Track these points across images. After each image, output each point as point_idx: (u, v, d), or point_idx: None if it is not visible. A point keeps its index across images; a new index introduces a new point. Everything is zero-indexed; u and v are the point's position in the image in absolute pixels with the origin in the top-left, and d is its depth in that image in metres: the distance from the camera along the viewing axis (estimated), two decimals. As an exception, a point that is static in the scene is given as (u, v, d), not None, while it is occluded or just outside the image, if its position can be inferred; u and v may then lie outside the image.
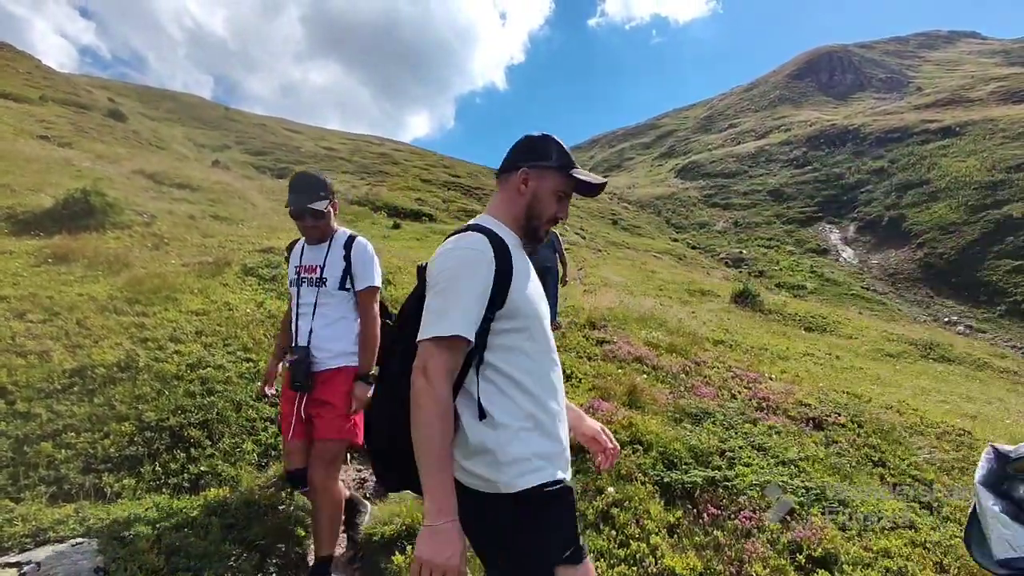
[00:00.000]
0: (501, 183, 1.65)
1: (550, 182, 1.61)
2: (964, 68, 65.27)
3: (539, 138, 1.63)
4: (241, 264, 6.96)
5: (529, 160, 1.60)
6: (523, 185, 1.60)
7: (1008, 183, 30.28)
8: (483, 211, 1.69)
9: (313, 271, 2.82)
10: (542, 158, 1.60)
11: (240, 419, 3.94)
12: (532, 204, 1.61)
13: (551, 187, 1.61)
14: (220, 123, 30.71)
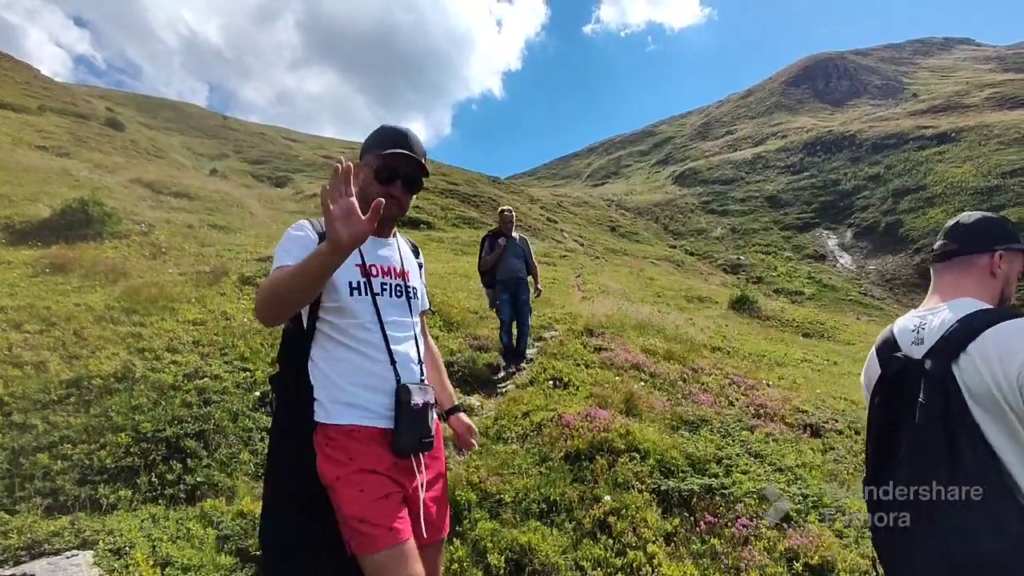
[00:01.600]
0: (958, 265, 1.57)
1: (1020, 265, 1.59)
2: (959, 74, 65.72)
3: (1000, 220, 1.60)
4: (239, 273, 6.96)
5: (1002, 243, 1.55)
6: (997, 268, 1.54)
7: (1004, 188, 30.44)
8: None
9: (395, 275, 1.79)
10: (1013, 240, 1.57)
11: (237, 429, 3.93)
12: (1004, 288, 1.56)
13: (1020, 270, 1.59)
14: (218, 132, 30.80)
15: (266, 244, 9.06)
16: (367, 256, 1.71)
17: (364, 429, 1.58)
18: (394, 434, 1.59)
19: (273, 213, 14.01)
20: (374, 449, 1.57)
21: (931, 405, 1.35)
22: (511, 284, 6.45)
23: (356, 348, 1.62)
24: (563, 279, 15.25)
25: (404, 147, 1.71)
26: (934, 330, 1.43)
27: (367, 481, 1.52)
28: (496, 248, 6.48)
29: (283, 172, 26.04)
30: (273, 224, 12.16)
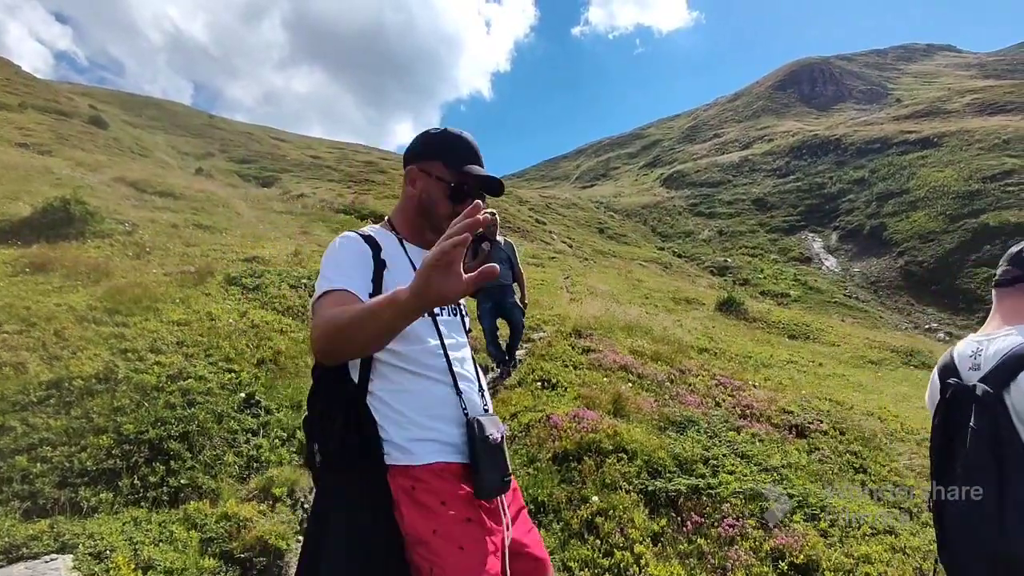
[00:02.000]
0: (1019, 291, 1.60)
1: None
2: (941, 80, 66.79)
3: None
4: (224, 274, 6.89)
5: None
6: None
7: (984, 193, 30.95)
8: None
9: None
10: None
11: (222, 431, 3.89)
12: None
13: None
14: (204, 131, 30.48)
15: (252, 244, 8.98)
16: None
17: (450, 466, 1.37)
18: (475, 474, 1.38)
19: (260, 213, 13.88)
20: (463, 490, 1.36)
21: (980, 430, 1.40)
22: (494, 292, 5.96)
23: (425, 375, 1.42)
24: (552, 280, 15.27)
25: (478, 164, 1.55)
26: (990, 357, 1.46)
27: (467, 534, 1.30)
28: (480, 253, 6.32)
29: (270, 172, 25.81)
30: (260, 224, 12.05)
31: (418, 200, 1.53)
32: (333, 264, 1.38)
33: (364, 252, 1.42)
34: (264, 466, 3.71)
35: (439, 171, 1.51)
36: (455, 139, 1.55)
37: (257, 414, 4.15)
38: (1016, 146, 34.92)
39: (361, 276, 1.37)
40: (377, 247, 1.45)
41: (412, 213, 1.55)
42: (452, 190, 1.51)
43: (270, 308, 6.25)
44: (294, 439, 4.03)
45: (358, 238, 1.46)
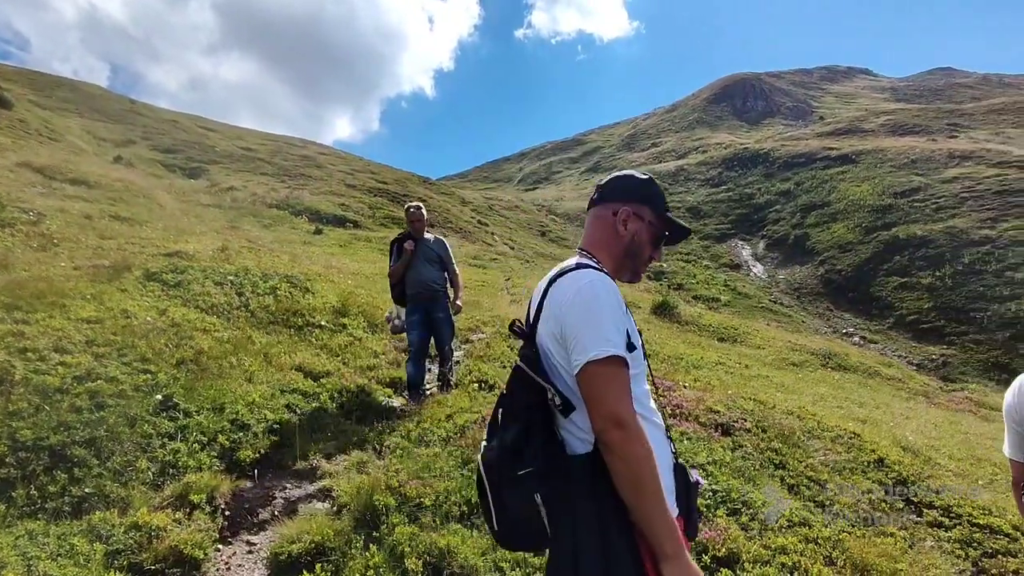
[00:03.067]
0: None
1: None
2: (859, 101, 71.72)
3: None
4: (143, 269, 6.48)
5: None
6: None
7: (895, 208, 33.40)
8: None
9: None
10: None
11: (134, 435, 3.64)
12: None
13: None
14: (124, 116, 28.54)
15: (175, 238, 8.49)
16: None
17: (679, 520, 1.37)
18: (687, 521, 1.42)
19: (185, 206, 13.16)
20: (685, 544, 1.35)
21: None
22: (423, 299, 5.24)
23: (652, 420, 1.41)
24: (493, 282, 15.28)
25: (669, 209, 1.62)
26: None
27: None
28: (404, 253, 5.25)
29: (197, 163, 24.47)
30: (185, 217, 11.42)
31: (629, 241, 1.56)
32: (611, 320, 1.34)
33: (623, 302, 1.41)
34: (181, 472, 3.50)
35: (649, 216, 1.57)
36: (658, 187, 1.64)
37: (175, 417, 3.92)
38: (922, 165, 37.90)
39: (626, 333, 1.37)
40: None
41: (620, 253, 1.57)
42: (658, 236, 1.59)
43: (193, 306, 5.92)
44: (215, 443, 3.82)
45: (615, 284, 1.43)
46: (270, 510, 3.52)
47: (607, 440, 1.27)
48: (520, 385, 1.41)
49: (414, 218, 5.39)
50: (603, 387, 1.28)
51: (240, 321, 5.95)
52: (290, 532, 3.09)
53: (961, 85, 75.39)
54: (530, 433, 1.36)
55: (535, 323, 1.50)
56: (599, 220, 1.59)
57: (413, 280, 5.27)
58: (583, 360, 1.30)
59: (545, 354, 1.43)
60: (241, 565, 3.06)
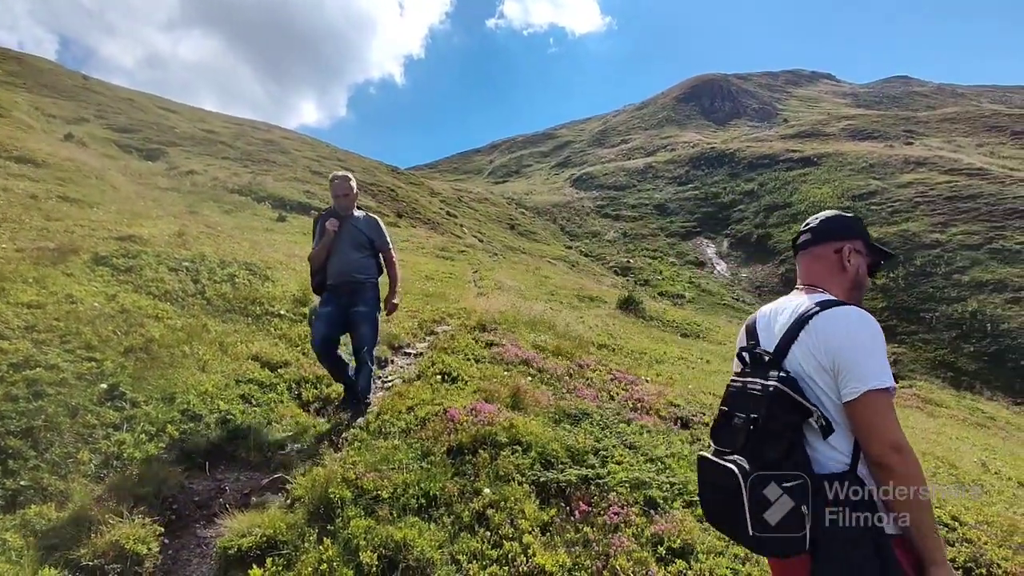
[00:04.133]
0: None
1: None
2: (821, 106, 73.74)
3: None
4: (92, 252, 6.20)
5: None
6: None
7: (853, 210, 34.42)
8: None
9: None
10: None
11: (76, 426, 3.48)
12: None
13: None
14: (76, 93, 27.24)
15: (129, 222, 8.16)
16: None
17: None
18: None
19: (141, 188, 12.65)
20: None
21: None
22: (344, 290, 4.37)
23: None
24: (460, 274, 15.19)
25: None
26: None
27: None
28: (324, 235, 4.39)
29: (156, 144, 23.54)
30: (140, 200, 10.99)
31: (855, 274, 1.77)
32: (883, 352, 1.54)
33: None
34: (126, 464, 3.36)
35: (863, 249, 1.79)
36: (862, 221, 1.84)
37: (121, 407, 3.76)
38: (880, 170, 39.23)
39: None
40: None
41: (849, 286, 1.77)
42: (872, 265, 1.81)
43: (145, 292, 5.69)
44: (164, 434, 3.68)
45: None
46: (221, 503, 3.41)
47: (887, 463, 1.46)
48: (781, 407, 1.56)
49: (340, 191, 4.43)
50: (882, 415, 1.47)
51: (195, 309, 5.75)
52: (240, 525, 3.00)
53: (918, 94, 78.28)
54: (792, 450, 1.55)
55: (782, 353, 1.66)
56: (821, 259, 1.80)
57: (335, 267, 4.39)
58: (862, 389, 1.48)
59: (804, 381, 1.60)
60: (188, 560, 2.96)
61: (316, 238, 4.53)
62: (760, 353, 1.72)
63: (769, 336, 1.74)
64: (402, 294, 4.93)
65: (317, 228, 4.55)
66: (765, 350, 1.71)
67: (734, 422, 1.69)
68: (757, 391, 1.63)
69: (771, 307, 1.83)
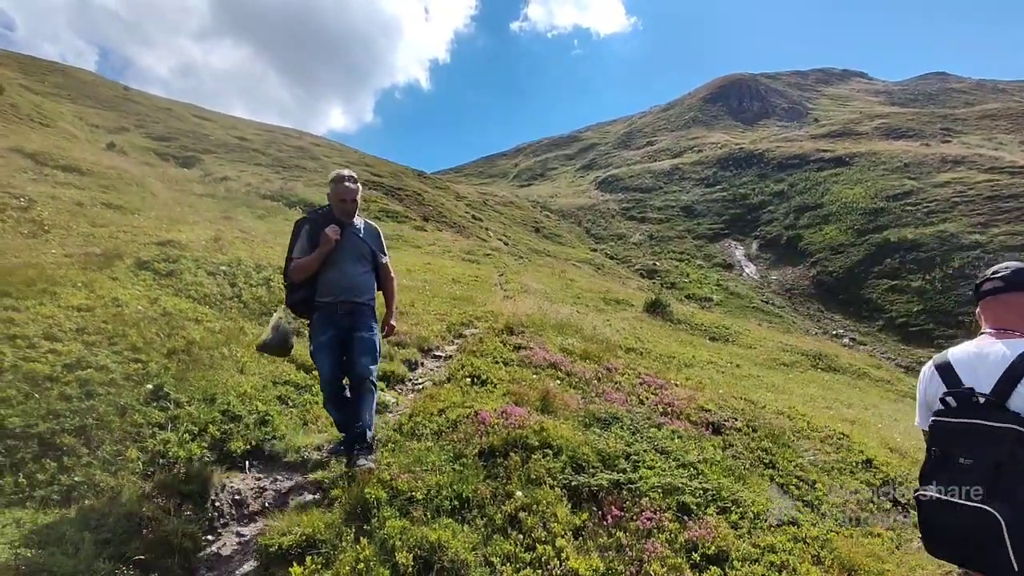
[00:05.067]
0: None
1: None
2: (854, 104, 72.08)
3: None
4: (135, 257, 6.42)
5: None
6: None
7: (887, 211, 33.66)
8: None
9: None
10: None
11: (124, 424, 3.62)
12: None
13: None
14: (117, 103, 28.26)
15: (168, 227, 8.43)
16: None
17: None
18: None
19: (178, 195, 13.06)
20: None
21: None
22: (342, 311, 3.66)
23: None
24: (486, 277, 15.28)
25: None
26: None
27: None
28: (321, 240, 3.60)
29: (191, 152, 24.27)
30: (177, 206, 11.34)
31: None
32: None
33: None
34: (172, 462, 3.48)
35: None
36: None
37: (165, 407, 3.90)
38: (915, 169, 38.19)
39: None
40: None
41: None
42: None
43: (185, 295, 5.89)
44: (206, 433, 3.80)
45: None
46: (260, 502, 3.51)
47: None
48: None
49: (347, 194, 3.69)
50: None
51: (232, 312, 5.92)
52: (281, 524, 3.09)
53: (955, 90, 75.91)
54: None
55: (1004, 395, 1.73)
56: (1014, 307, 1.95)
57: (332, 282, 3.67)
58: None
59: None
60: (231, 556, 3.06)
61: (302, 241, 3.69)
62: (974, 396, 1.78)
63: (976, 379, 1.81)
64: (397, 314, 4.23)
65: (304, 232, 3.70)
66: (981, 393, 1.77)
67: (960, 463, 1.74)
68: (990, 432, 1.70)
69: (966, 351, 1.92)
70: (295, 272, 3.68)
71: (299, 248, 3.70)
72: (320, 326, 3.69)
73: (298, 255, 3.68)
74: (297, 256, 3.68)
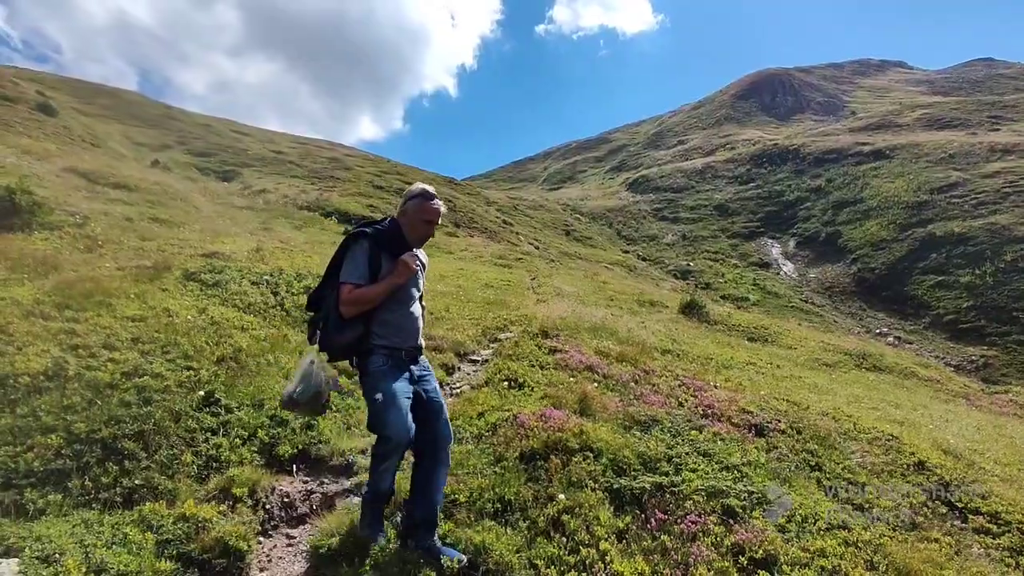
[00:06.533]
0: None
1: None
2: (893, 95, 69.77)
3: None
4: (182, 269, 6.69)
5: None
6: None
7: (932, 204, 32.44)
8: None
9: None
10: None
11: (179, 429, 3.77)
12: None
13: None
14: (160, 121, 29.44)
15: (212, 239, 8.74)
16: None
17: None
18: None
19: (220, 208, 13.52)
20: None
21: None
22: (407, 356, 2.96)
23: None
24: (519, 281, 15.32)
25: None
26: None
27: None
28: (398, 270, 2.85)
29: (231, 166, 25.08)
30: (219, 219, 11.73)
31: None
32: None
33: None
34: (224, 466, 3.61)
35: None
36: None
37: (217, 413, 4.04)
38: (960, 160, 36.72)
39: None
40: None
41: None
42: None
43: (231, 305, 6.09)
44: (255, 438, 3.93)
45: None
46: (308, 504, 3.61)
47: None
48: None
49: (433, 215, 3.00)
50: None
51: (276, 320, 6.10)
52: (328, 525, 3.17)
53: (1003, 76, 72.71)
54: None
55: None
56: None
57: (396, 323, 2.93)
58: None
59: None
60: (282, 557, 3.15)
61: (357, 266, 2.85)
62: None
63: None
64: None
65: (361, 252, 2.87)
66: None
67: None
68: None
69: None
70: (353, 304, 2.78)
71: (355, 271, 2.83)
72: (391, 372, 2.85)
73: (357, 280, 2.81)
74: (356, 282, 2.81)
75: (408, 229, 2.98)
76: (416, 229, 3.00)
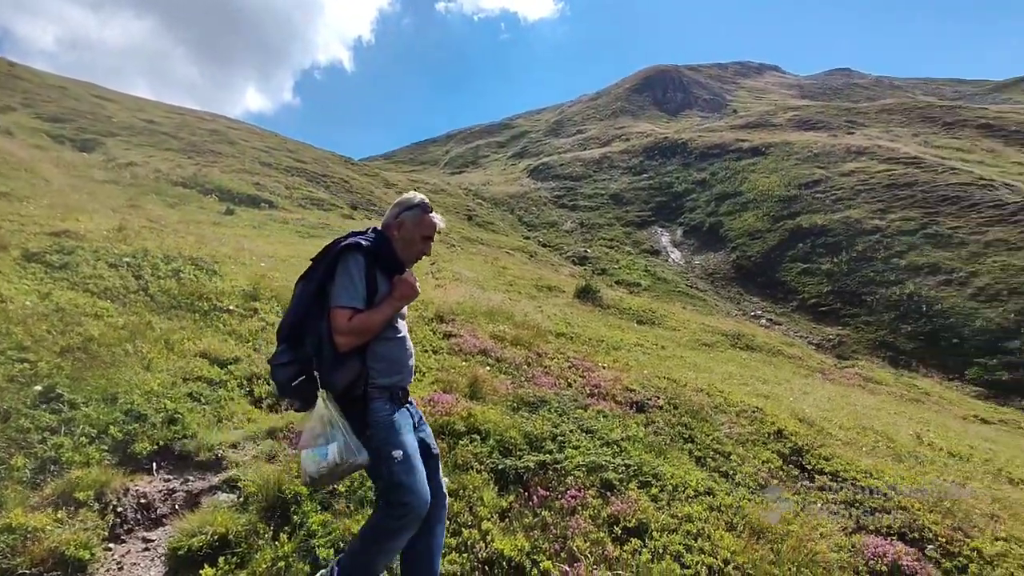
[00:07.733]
0: None
1: None
2: (769, 97, 76.05)
3: None
4: (22, 248, 5.86)
5: None
6: None
7: (800, 198, 35.79)
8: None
9: None
10: None
11: (8, 430, 3.29)
12: None
13: None
14: (2, 80, 25.59)
15: (62, 216, 7.74)
16: None
17: None
18: None
19: (75, 181, 12.00)
20: None
21: None
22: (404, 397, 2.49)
23: None
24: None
25: None
26: None
27: None
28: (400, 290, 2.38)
29: (91, 135, 22.30)
30: (74, 194, 10.43)
31: None
32: None
33: None
34: (65, 468, 3.21)
35: None
36: None
37: (58, 409, 3.58)
38: (823, 159, 40.75)
39: None
40: None
41: None
42: None
43: (82, 289, 5.42)
44: (106, 436, 3.53)
45: None
46: (170, 504, 3.30)
47: None
48: None
49: (431, 230, 2.57)
50: None
51: (138, 306, 5.52)
52: (190, 525, 2.92)
53: (858, 85, 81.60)
54: None
55: None
56: None
57: (397, 355, 2.45)
58: None
59: None
60: (136, 563, 2.86)
61: (354, 285, 2.28)
62: None
63: None
64: None
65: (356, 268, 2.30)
66: None
67: None
68: None
69: None
70: (357, 333, 2.25)
71: (353, 293, 2.27)
72: (401, 421, 2.39)
73: (356, 304, 2.26)
74: (359, 307, 2.26)
75: (402, 245, 2.48)
76: (412, 245, 2.51)
